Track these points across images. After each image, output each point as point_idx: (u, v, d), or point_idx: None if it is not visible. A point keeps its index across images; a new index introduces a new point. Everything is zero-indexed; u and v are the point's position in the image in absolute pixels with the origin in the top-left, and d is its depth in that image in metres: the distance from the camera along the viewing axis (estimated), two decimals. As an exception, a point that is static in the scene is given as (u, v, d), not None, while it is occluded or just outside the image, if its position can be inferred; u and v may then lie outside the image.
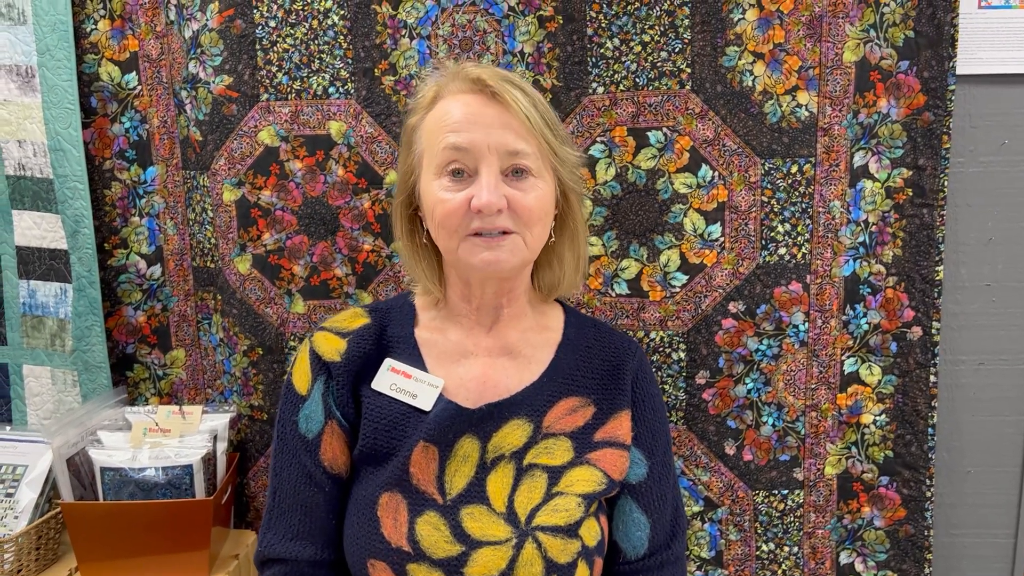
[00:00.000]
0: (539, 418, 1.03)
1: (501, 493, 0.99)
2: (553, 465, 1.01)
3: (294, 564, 1.03)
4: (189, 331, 1.57)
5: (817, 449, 1.41)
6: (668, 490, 1.09)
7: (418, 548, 0.95)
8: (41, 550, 1.35)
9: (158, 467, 1.30)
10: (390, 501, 0.98)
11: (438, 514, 0.97)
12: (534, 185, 0.98)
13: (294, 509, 1.04)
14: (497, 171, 0.96)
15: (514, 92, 0.97)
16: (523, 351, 1.08)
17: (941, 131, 1.32)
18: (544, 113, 1.00)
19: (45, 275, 1.52)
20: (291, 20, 1.36)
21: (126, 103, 1.49)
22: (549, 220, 1.03)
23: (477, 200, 0.95)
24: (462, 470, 1.00)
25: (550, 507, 0.98)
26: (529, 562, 0.95)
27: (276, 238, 1.42)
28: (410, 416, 1.02)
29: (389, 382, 1.04)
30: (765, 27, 1.31)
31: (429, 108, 1.02)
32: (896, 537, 1.42)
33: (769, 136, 1.33)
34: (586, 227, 1.13)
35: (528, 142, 0.97)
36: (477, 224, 0.96)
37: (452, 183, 0.98)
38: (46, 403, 1.57)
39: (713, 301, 1.38)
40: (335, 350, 1.05)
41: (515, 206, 0.97)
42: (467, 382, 1.05)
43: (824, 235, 1.36)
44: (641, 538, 1.06)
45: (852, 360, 1.39)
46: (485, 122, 0.97)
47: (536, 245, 1.02)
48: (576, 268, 1.11)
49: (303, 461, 1.04)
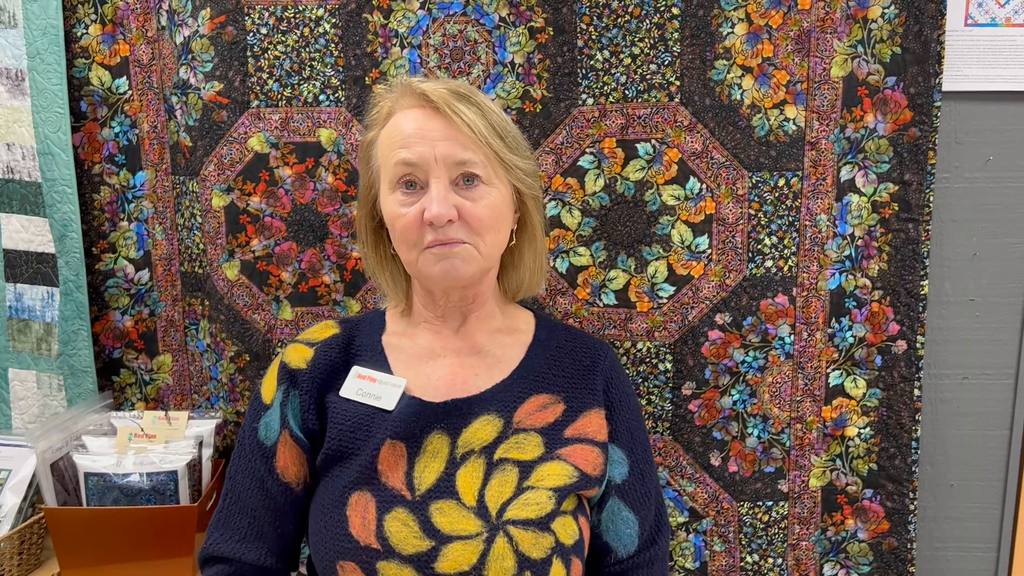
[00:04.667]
0: (509, 414, 1.05)
1: (471, 488, 1.00)
2: (523, 459, 1.02)
3: (237, 565, 1.06)
4: (176, 336, 1.56)
5: (802, 461, 1.42)
6: (651, 486, 1.12)
7: (387, 545, 0.96)
8: (24, 555, 1.35)
9: (143, 473, 1.30)
10: (359, 500, 0.99)
11: (407, 510, 0.98)
12: (485, 193, 1.01)
13: (244, 512, 1.07)
14: (446, 182, 0.99)
15: (457, 105, 0.99)
16: (492, 351, 1.10)
17: (927, 147, 1.33)
18: (494, 121, 1.02)
19: (32, 279, 1.51)
20: (282, 27, 1.36)
21: (116, 108, 1.49)
22: (504, 226, 1.06)
23: (428, 212, 0.98)
24: (431, 466, 1.01)
25: (521, 501, 0.99)
26: (500, 556, 0.95)
27: (264, 244, 1.42)
28: (375, 416, 1.03)
29: (356, 388, 1.06)
30: (754, 41, 1.32)
31: (383, 124, 1.06)
32: (879, 550, 1.43)
33: (757, 149, 1.34)
34: (544, 228, 1.16)
35: (475, 151, 1.00)
36: (431, 236, 0.99)
37: (406, 196, 1.01)
38: (31, 407, 1.56)
39: (700, 312, 1.38)
40: (302, 358, 1.08)
41: (466, 215, 0.99)
42: (435, 381, 1.07)
43: (810, 248, 1.37)
44: (631, 535, 1.08)
45: (837, 373, 1.40)
46: (432, 135, 0.99)
47: (492, 252, 1.04)
48: (537, 268, 1.14)
49: (257, 467, 1.06)
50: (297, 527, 1.09)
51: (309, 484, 1.07)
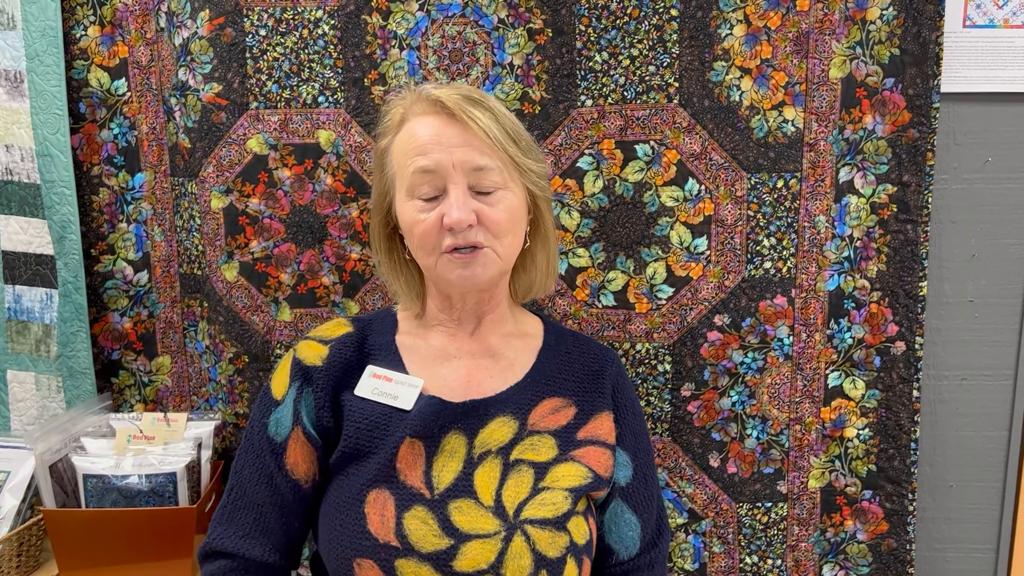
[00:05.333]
0: (524, 416, 1.06)
1: (489, 487, 1.00)
2: (539, 461, 1.03)
3: (240, 560, 1.05)
4: (175, 338, 1.56)
5: (801, 462, 1.42)
6: (653, 489, 1.14)
7: (407, 543, 0.96)
8: (23, 557, 1.34)
9: (141, 474, 1.30)
10: (377, 498, 0.99)
11: (426, 508, 0.98)
12: (502, 197, 1.02)
13: (249, 508, 1.06)
14: (465, 188, 1.00)
15: (472, 110, 1.00)
16: (506, 354, 1.11)
17: (925, 148, 1.33)
18: (508, 126, 1.04)
19: (31, 280, 1.51)
20: (281, 29, 1.36)
21: (115, 109, 1.49)
22: (520, 229, 1.07)
23: (448, 218, 0.99)
24: (449, 465, 1.01)
25: (537, 501, 1.00)
26: (518, 555, 0.96)
27: (263, 246, 1.42)
28: (392, 415, 1.04)
29: (371, 387, 1.06)
30: (752, 43, 1.32)
31: (396, 131, 1.06)
32: (878, 551, 1.43)
33: (755, 151, 1.34)
34: (555, 229, 1.18)
35: (491, 157, 1.01)
36: (450, 241, 1.00)
37: (424, 203, 1.02)
38: (30, 409, 1.56)
39: (699, 314, 1.38)
40: (317, 355, 1.08)
41: (484, 220, 1.01)
42: (451, 382, 1.08)
43: (809, 250, 1.37)
44: (633, 538, 1.09)
45: (836, 374, 1.40)
46: (448, 142, 1.00)
47: (509, 254, 1.06)
48: (549, 270, 1.16)
49: (267, 463, 1.06)
50: (303, 525, 1.09)
51: (318, 482, 1.07)
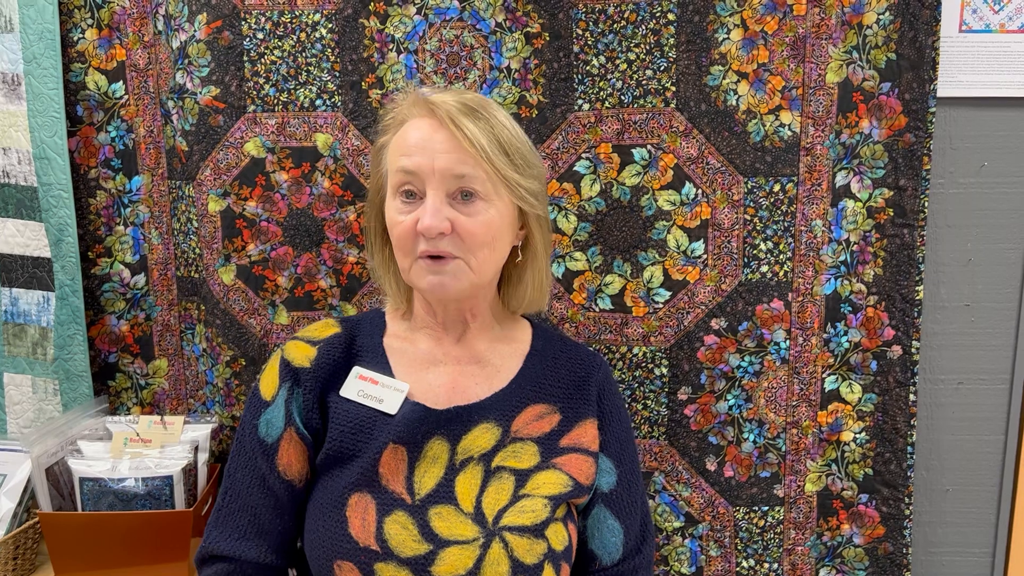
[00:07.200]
0: (507, 423, 1.06)
1: (469, 494, 1.01)
2: (520, 468, 1.03)
3: (238, 563, 1.05)
4: (172, 341, 1.56)
5: (797, 466, 1.42)
6: (637, 496, 1.14)
7: (386, 547, 0.96)
8: (18, 560, 1.34)
9: (138, 478, 1.30)
10: (359, 502, 0.99)
11: (406, 514, 0.99)
12: (482, 209, 1.01)
13: (244, 510, 1.06)
14: (443, 195, 0.99)
15: (461, 119, 0.99)
16: (492, 360, 1.11)
17: (922, 152, 1.34)
18: (503, 139, 1.01)
19: (28, 283, 1.51)
20: (279, 32, 1.36)
21: (112, 112, 1.49)
22: (501, 244, 1.05)
23: (420, 223, 0.99)
24: (431, 471, 1.02)
25: (517, 508, 1.00)
26: (496, 561, 0.97)
27: (261, 249, 1.42)
28: (377, 419, 1.04)
29: (357, 388, 1.06)
30: (749, 47, 1.32)
31: (395, 130, 1.06)
32: (875, 555, 1.43)
33: (752, 155, 1.34)
34: (548, 249, 1.15)
35: (474, 167, 0.99)
36: (424, 246, 1.00)
37: (404, 204, 1.02)
38: (26, 411, 1.56)
39: (695, 318, 1.38)
40: (305, 356, 1.08)
41: (459, 230, 0.99)
42: (436, 388, 1.08)
43: (806, 254, 1.37)
44: (616, 544, 1.10)
45: (833, 378, 1.40)
46: (434, 147, 1.00)
47: (484, 268, 1.04)
48: (537, 287, 1.14)
49: (259, 464, 1.06)
50: (298, 524, 1.09)
51: (310, 480, 1.07)
